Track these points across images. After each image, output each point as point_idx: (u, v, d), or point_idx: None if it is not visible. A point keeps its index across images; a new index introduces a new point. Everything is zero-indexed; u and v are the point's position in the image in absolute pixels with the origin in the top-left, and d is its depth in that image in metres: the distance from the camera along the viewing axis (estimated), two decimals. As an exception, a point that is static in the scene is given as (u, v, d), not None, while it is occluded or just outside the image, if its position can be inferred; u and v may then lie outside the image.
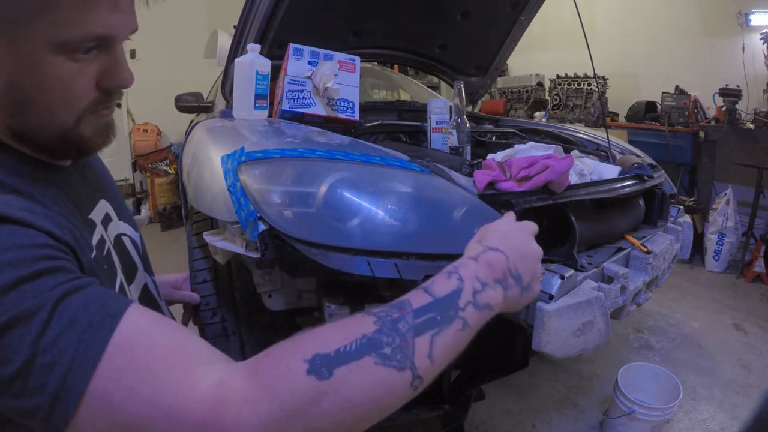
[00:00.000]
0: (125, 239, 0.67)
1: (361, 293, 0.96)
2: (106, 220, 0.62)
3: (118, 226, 0.66)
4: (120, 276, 0.59)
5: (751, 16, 3.09)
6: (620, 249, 1.18)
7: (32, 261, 0.37)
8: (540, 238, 0.63)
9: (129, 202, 4.37)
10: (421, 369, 0.41)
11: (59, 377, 0.35)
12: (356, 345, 0.39)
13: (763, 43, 2.92)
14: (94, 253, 0.52)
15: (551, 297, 0.90)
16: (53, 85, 0.45)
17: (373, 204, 0.84)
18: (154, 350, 0.38)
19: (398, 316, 0.43)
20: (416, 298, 0.46)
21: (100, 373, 0.36)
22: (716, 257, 3.00)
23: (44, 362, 0.35)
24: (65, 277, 0.39)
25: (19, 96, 0.45)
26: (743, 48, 3.16)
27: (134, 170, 4.45)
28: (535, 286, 0.58)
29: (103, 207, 0.62)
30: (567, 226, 1.05)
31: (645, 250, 1.18)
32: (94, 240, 0.55)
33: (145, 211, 4.26)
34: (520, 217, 1.06)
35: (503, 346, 1.20)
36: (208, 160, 1.03)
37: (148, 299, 0.68)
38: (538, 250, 0.60)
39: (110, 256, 0.58)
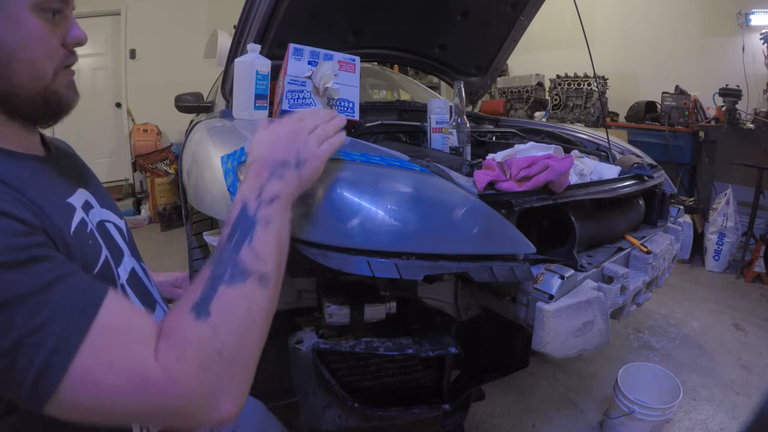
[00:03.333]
0: (109, 225, 0.68)
1: (361, 293, 0.96)
2: (87, 207, 0.63)
3: (100, 213, 0.67)
4: (105, 252, 0.61)
5: (751, 16, 3.09)
6: (620, 249, 1.18)
7: (18, 250, 0.43)
8: (540, 238, 0.63)
9: (129, 202, 4.37)
10: (258, 269, 0.53)
11: (45, 355, 0.40)
12: (209, 285, 0.50)
13: (763, 43, 2.92)
14: (73, 229, 0.55)
15: (551, 297, 0.90)
16: (35, 41, 0.53)
17: (373, 204, 0.84)
18: (127, 332, 0.46)
19: (219, 251, 0.54)
20: (223, 233, 0.57)
21: (83, 352, 0.42)
22: (716, 257, 3.00)
23: (33, 341, 0.40)
24: (50, 265, 0.44)
25: (4, 55, 0.51)
26: (743, 48, 3.16)
27: (134, 170, 4.45)
28: (307, 153, 0.66)
29: (81, 195, 0.63)
30: (567, 226, 1.05)
31: (645, 250, 1.18)
32: (74, 221, 0.56)
33: (145, 211, 4.26)
34: (521, 217, 1.06)
35: (503, 346, 1.20)
36: (208, 160, 1.04)
37: (136, 283, 0.68)
38: (283, 129, 0.68)
39: (93, 234, 0.60)
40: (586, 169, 1.23)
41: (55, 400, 0.41)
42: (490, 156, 1.16)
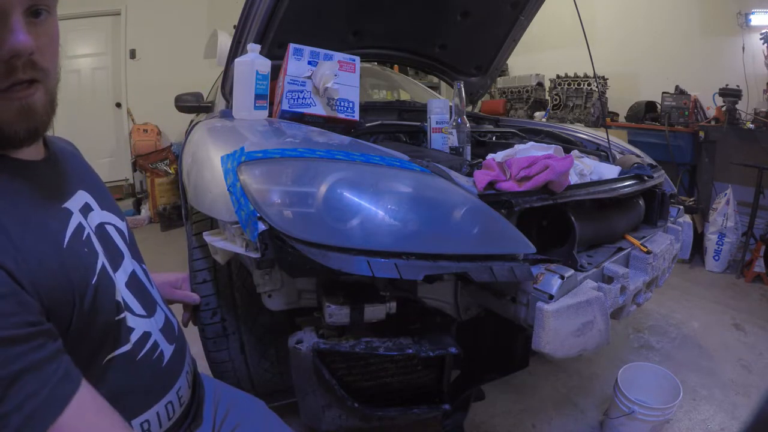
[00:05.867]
0: (109, 227, 0.67)
1: (361, 293, 0.96)
2: (86, 209, 0.62)
3: (100, 215, 0.66)
4: (102, 259, 0.60)
5: (751, 16, 3.09)
6: (620, 249, 1.18)
7: None
8: (540, 238, 0.63)
9: (129, 202, 4.37)
10: None
11: None
12: None
13: (763, 43, 2.92)
14: (67, 241, 0.53)
15: (551, 297, 0.90)
16: None
17: (373, 204, 0.84)
18: None
19: None
20: None
21: None
22: (716, 257, 3.00)
23: None
24: (23, 348, 0.41)
25: None
26: (743, 48, 3.15)
27: (134, 170, 4.45)
28: None
29: (81, 197, 0.62)
30: (567, 226, 1.05)
31: (645, 250, 1.18)
32: (69, 230, 0.55)
33: (145, 211, 4.26)
34: (521, 217, 1.06)
35: (503, 346, 1.20)
36: (208, 160, 1.03)
37: (136, 285, 0.68)
38: None
39: (90, 240, 0.59)
40: (586, 169, 1.23)
41: None
42: (490, 156, 1.16)
